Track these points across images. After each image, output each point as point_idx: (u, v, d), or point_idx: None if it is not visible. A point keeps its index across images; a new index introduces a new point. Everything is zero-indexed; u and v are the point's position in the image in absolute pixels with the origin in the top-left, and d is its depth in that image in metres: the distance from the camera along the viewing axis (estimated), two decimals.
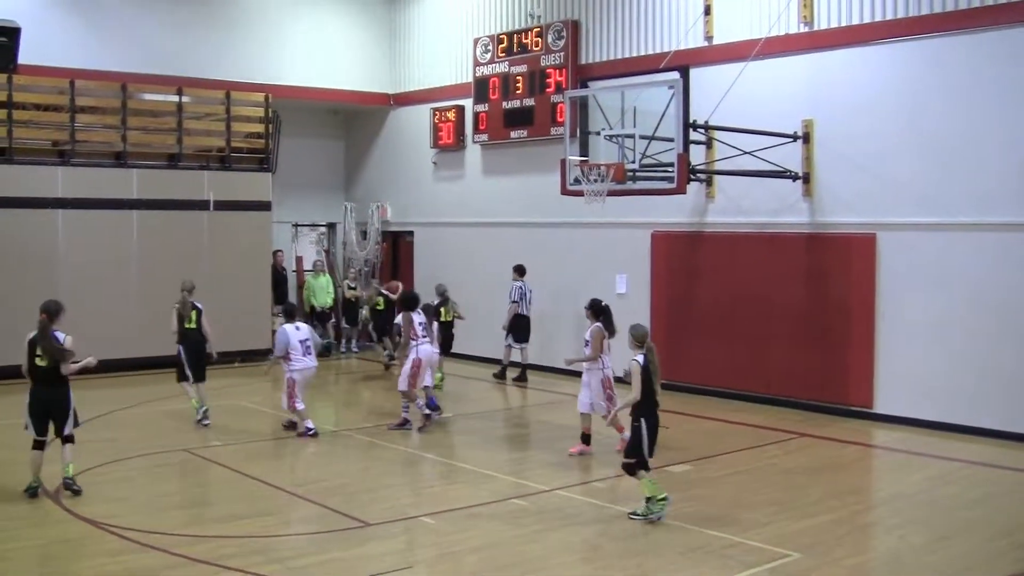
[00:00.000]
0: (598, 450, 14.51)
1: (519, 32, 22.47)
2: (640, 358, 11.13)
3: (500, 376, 21.28)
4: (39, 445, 12.05)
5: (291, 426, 16.09)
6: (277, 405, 17.92)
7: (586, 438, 14.44)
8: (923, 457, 14.59)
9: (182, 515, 11.47)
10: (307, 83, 25.19)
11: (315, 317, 25.15)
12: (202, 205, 22.70)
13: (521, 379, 20.94)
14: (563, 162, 17.09)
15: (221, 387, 19.70)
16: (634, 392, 11.05)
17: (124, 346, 20.25)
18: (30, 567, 9.83)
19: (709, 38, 18.92)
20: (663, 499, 11.07)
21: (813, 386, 17.52)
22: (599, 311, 14.43)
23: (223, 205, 22.90)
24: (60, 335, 11.90)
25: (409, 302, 16.59)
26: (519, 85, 22.42)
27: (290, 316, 16.22)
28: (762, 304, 18.15)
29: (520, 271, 21.14)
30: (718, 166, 17.87)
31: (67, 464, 12.18)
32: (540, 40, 21.95)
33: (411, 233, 26.11)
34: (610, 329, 14.34)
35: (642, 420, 11.07)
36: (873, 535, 11.29)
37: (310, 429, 15.72)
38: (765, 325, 18.11)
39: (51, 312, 11.93)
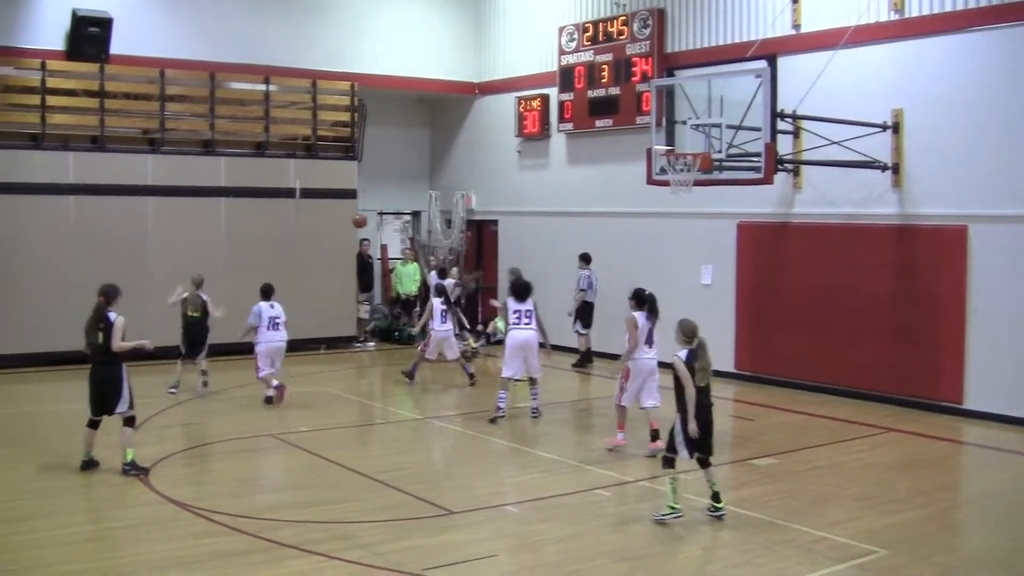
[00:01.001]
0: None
1: (605, 20, 22.38)
2: (683, 354, 10.72)
3: (581, 365, 21.31)
4: (93, 424, 12.50)
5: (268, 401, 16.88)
6: (361, 392, 18.19)
7: (655, 433, 13.75)
8: (1013, 454, 14.34)
9: (267, 499, 11.60)
10: (393, 72, 25.27)
11: (400, 305, 25.29)
12: (288, 193, 22.96)
13: (581, 364, 21.45)
14: (649, 151, 17.03)
15: (306, 373, 19.98)
16: (688, 388, 10.57)
17: (212, 332, 20.49)
18: (119, 547, 10.00)
19: (797, 26, 18.68)
20: (675, 509, 10.69)
21: (901, 380, 17.25)
22: (642, 300, 13.96)
23: (309, 193, 23.14)
24: (112, 315, 12.34)
25: (519, 289, 16.55)
26: (604, 74, 22.34)
27: (266, 295, 17.25)
28: (849, 296, 17.91)
29: (587, 259, 21.33)
30: (805, 156, 17.68)
31: (124, 449, 12.44)
32: (626, 29, 21.85)
33: (495, 222, 26.14)
34: (653, 317, 13.83)
35: (678, 417, 10.72)
36: (962, 533, 11.14)
37: (271, 392, 16.81)
38: (852, 318, 17.87)
39: (108, 295, 12.47)
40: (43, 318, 20.14)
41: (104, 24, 21.21)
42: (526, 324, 16.13)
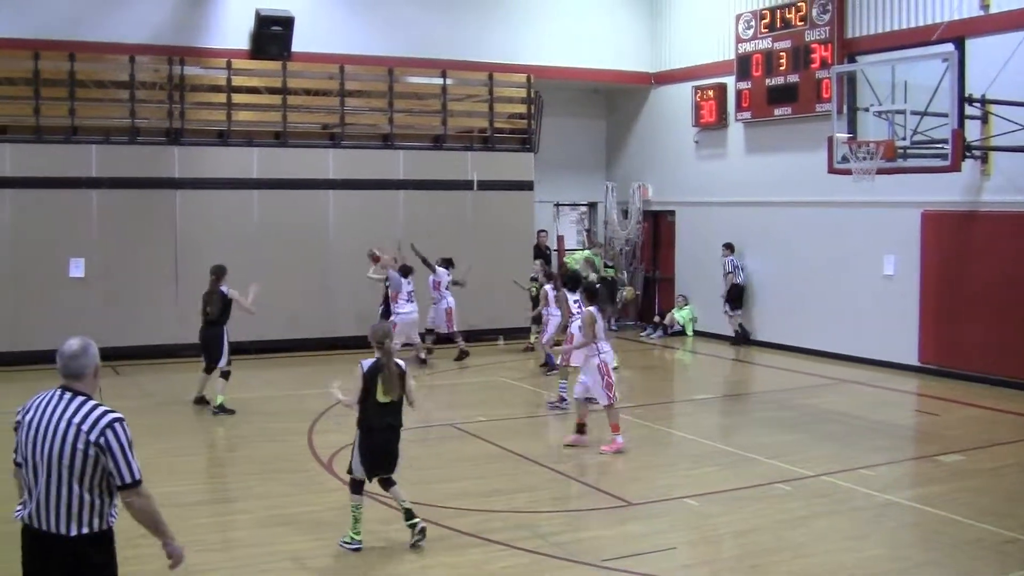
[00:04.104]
0: (862, 437, 14.19)
1: (782, 7, 21.95)
2: (366, 363, 9.63)
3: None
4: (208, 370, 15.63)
5: None
6: (538, 382, 18.28)
7: (581, 427, 13.68)
8: None
9: (448, 488, 11.71)
10: (568, 63, 25.26)
11: None
12: (466, 185, 23.20)
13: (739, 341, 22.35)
14: (830, 140, 16.72)
15: (484, 364, 20.15)
16: (352, 396, 9.65)
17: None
18: (310, 530, 10.24)
19: (985, 7, 17.98)
20: (355, 539, 9.65)
21: None
22: (593, 293, 14.15)
23: (486, 185, 23.33)
24: (225, 289, 15.53)
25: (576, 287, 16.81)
26: (782, 61, 21.93)
27: (405, 274, 19.35)
28: None
29: (732, 248, 22.63)
30: (995, 142, 17.06)
31: (217, 394, 15.27)
32: (804, 15, 21.40)
33: (672, 212, 25.95)
34: (605, 309, 14.04)
35: (357, 434, 9.75)
36: None
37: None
38: None
39: (220, 274, 15.52)
40: None
41: (286, 23, 21.77)
42: None
